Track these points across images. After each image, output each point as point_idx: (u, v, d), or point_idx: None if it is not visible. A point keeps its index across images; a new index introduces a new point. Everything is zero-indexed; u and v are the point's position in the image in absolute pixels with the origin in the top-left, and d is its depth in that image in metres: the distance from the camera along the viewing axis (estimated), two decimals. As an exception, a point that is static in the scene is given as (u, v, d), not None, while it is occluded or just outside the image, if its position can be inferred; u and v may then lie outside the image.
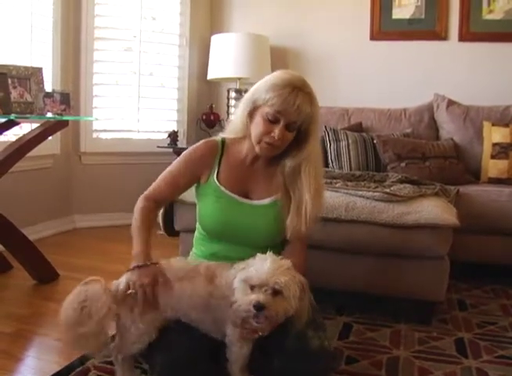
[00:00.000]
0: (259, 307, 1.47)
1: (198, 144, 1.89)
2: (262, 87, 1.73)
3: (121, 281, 1.68)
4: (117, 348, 1.70)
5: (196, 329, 1.66)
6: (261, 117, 1.71)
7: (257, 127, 1.73)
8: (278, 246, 1.81)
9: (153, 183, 1.88)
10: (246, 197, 1.83)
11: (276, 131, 1.68)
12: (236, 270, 1.58)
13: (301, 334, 1.60)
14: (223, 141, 1.88)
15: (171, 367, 1.59)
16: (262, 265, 1.52)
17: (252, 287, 1.50)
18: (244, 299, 1.50)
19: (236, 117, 1.85)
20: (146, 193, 1.86)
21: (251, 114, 1.76)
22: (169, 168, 1.88)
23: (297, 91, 1.67)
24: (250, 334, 1.57)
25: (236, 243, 1.81)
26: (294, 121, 1.69)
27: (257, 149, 1.76)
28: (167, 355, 1.62)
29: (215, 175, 1.83)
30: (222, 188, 1.81)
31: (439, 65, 4.28)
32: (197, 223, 1.93)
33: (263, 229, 1.80)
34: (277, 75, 1.73)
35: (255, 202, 1.82)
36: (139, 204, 1.82)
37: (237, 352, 1.62)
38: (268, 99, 1.68)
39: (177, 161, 1.88)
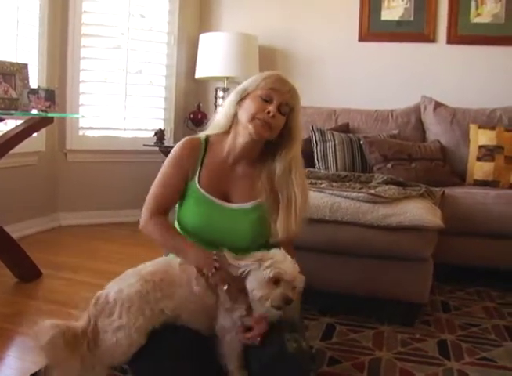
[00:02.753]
0: (289, 301, 1.56)
1: (182, 143, 1.87)
2: (253, 78, 1.79)
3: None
4: (98, 358, 1.59)
5: (183, 331, 1.63)
6: (254, 99, 1.74)
7: (249, 108, 1.74)
8: (260, 248, 1.80)
9: (148, 198, 1.82)
10: (227, 199, 1.82)
11: (271, 107, 1.71)
12: (249, 264, 1.61)
13: (278, 337, 1.59)
14: (206, 139, 1.87)
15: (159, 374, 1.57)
16: (288, 262, 1.62)
17: (276, 282, 1.57)
18: (274, 293, 1.56)
19: (220, 111, 1.86)
20: (148, 210, 1.79)
21: (241, 102, 1.78)
22: (159, 175, 1.84)
23: (288, 80, 1.78)
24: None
25: (216, 245, 1.77)
26: (287, 101, 1.74)
27: (250, 128, 1.73)
28: (154, 362, 1.58)
29: (196, 177, 1.81)
30: (202, 191, 1.80)
31: (427, 67, 4.30)
32: (176, 222, 1.89)
33: (242, 233, 1.79)
34: (265, 71, 1.82)
35: (235, 206, 1.81)
36: (151, 223, 1.77)
37: (231, 340, 1.62)
38: (259, 83, 1.75)
39: (165, 166, 1.85)
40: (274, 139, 1.78)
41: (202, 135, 1.89)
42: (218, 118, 1.86)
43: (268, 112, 1.70)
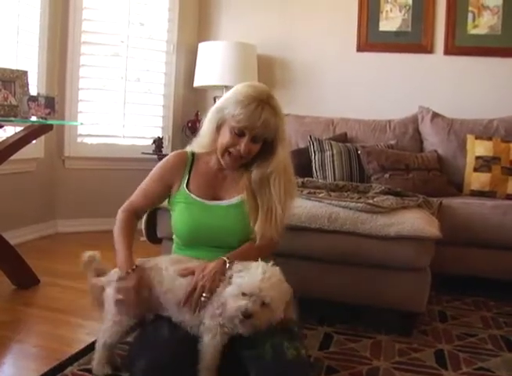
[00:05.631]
0: (247, 315, 1.56)
1: (169, 155, 2.00)
2: (228, 102, 1.79)
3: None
4: (103, 331, 1.84)
5: (177, 327, 1.71)
6: (228, 131, 1.78)
7: (223, 139, 1.80)
8: None
9: (132, 195, 1.98)
10: (216, 200, 1.89)
11: (242, 145, 1.77)
12: (233, 271, 1.66)
13: (277, 344, 1.60)
14: (193, 154, 1.96)
15: (154, 372, 1.59)
16: (255, 275, 1.60)
17: (244, 294, 1.58)
18: (235, 305, 1.58)
19: (203, 132, 1.91)
20: (123, 205, 1.94)
21: (219, 128, 1.83)
22: (144, 181, 1.97)
23: (263, 105, 1.74)
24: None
25: (211, 247, 1.85)
26: (261, 134, 1.77)
27: (222, 162, 1.84)
28: (149, 359, 1.62)
29: (185, 184, 1.89)
30: (192, 195, 1.87)
31: (424, 78, 4.33)
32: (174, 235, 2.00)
33: (234, 228, 1.85)
34: (242, 91, 1.79)
35: (223, 202, 1.88)
36: (118, 216, 1.91)
37: (208, 342, 1.65)
38: (235, 114, 1.74)
39: (151, 173, 1.97)
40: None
41: (189, 150, 1.98)
42: (202, 140, 1.92)
43: (239, 150, 1.78)
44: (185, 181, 1.90)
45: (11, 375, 2.02)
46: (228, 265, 1.71)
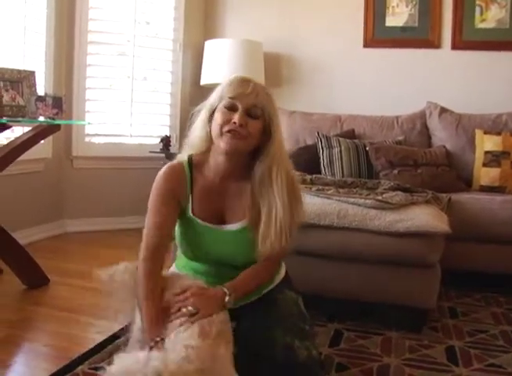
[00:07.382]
0: None
1: (164, 175, 1.74)
2: (217, 89, 1.72)
3: None
4: None
5: None
6: (219, 112, 1.66)
7: (216, 121, 1.66)
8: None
9: (143, 238, 1.70)
10: (222, 219, 1.74)
11: (236, 116, 1.62)
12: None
13: (288, 345, 1.56)
14: (189, 161, 1.76)
15: None
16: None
17: None
18: None
19: (194, 128, 1.77)
20: (140, 253, 1.68)
21: (211, 117, 1.70)
22: (149, 215, 1.71)
23: (250, 81, 1.68)
24: None
25: (215, 264, 1.77)
26: (253, 103, 1.64)
27: (221, 144, 1.64)
28: None
29: (190, 205, 1.73)
30: (198, 220, 1.72)
31: (432, 73, 4.30)
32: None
33: (236, 255, 1.74)
34: (229, 78, 1.73)
35: (227, 228, 1.74)
36: (139, 268, 1.66)
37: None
38: (222, 94, 1.67)
39: (153, 203, 1.72)
40: (255, 146, 1.70)
41: (184, 157, 1.78)
42: (192, 140, 1.78)
43: (235, 122, 1.61)
44: (189, 200, 1.73)
45: (22, 374, 2.03)
46: (227, 298, 1.57)
